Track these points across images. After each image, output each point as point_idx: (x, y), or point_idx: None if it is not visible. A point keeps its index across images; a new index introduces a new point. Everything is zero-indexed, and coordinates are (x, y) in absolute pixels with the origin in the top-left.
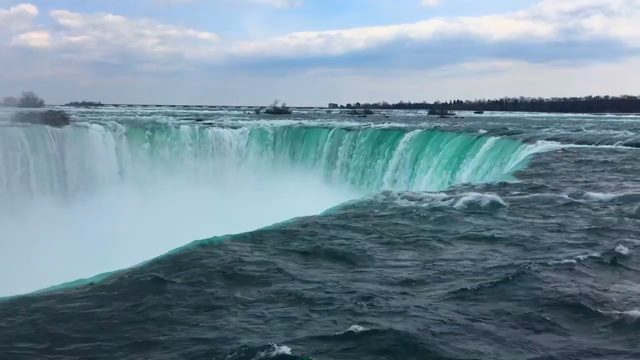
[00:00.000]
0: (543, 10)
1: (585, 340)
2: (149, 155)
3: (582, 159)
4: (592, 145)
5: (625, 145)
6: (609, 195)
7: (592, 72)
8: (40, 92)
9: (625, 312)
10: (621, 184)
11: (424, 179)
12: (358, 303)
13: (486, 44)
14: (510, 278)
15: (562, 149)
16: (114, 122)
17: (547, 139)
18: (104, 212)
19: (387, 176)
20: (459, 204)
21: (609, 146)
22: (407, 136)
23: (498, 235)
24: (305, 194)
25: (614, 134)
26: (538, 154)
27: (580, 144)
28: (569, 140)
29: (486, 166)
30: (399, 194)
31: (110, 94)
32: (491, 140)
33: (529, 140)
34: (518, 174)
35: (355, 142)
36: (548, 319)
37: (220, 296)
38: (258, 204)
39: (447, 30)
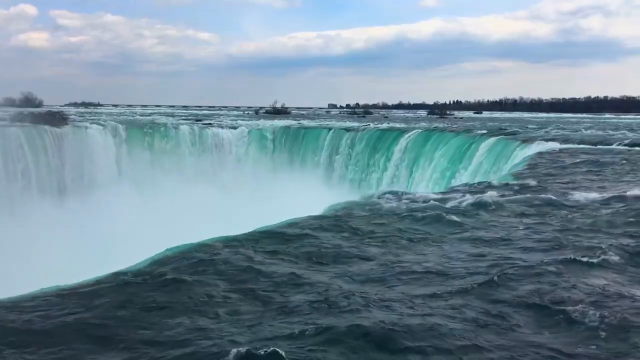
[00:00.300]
0: (542, 11)
1: (537, 338)
2: (148, 155)
3: (578, 160)
4: (589, 146)
5: (624, 146)
6: (593, 196)
7: (591, 73)
8: (40, 92)
9: (583, 312)
10: (611, 185)
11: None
12: (315, 302)
13: (485, 44)
14: (472, 277)
15: (559, 150)
16: (113, 122)
17: (545, 140)
18: (103, 212)
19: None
20: (441, 205)
21: (606, 147)
22: (402, 143)
23: (471, 236)
24: (305, 194)
25: (612, 135)
26: (532, 157)
27: (579, 144)
28: (566, 141)
29: (479, 180)
30: (379, 197)
31: (109, 94)
32: (483, 148)
33: (525, 141)
34: (510, 176)
35: (351, 151)
36: (504, 317)
37: (190, 299)
38: (257, 204)
39: (447, 31)
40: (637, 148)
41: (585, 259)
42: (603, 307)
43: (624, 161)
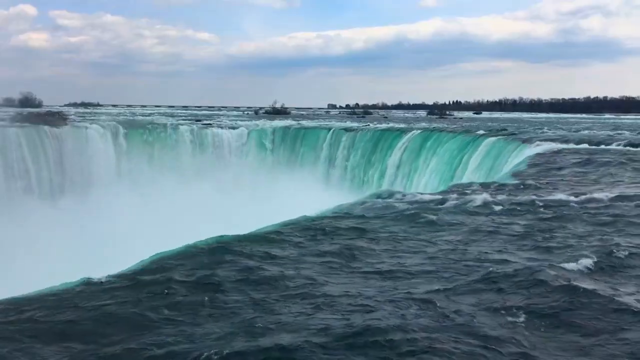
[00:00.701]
0: (542, 11)
1: (468, 329)
2: (148, 155)
3: (573, 161)
4: (584, 146)
5: (622, 146)
6: (574, 197)
7: (591, 73)
8: (39, 92)
9: (525, 309)
10: (600, 187)
11: None
12: (264, 301)
13: (485, 44)
14: (420, 275)
15: (556, 151)
16: (112, 122)
17: (541, 140)
18: (103, 212)
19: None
20: (424, 206)
21: (603, 147)
22: (396, 155)
23: (433, 236)
24: (305, 194)
25: (612, 135)
26: (524, 161)
27: (578, 144)
28: (563, 142)
29: None
30: (370, 199)
31: (109, 94)
32: (473, 163)
33: (525, 142)
34: (504, 178)
35: (347, 163)
36: (441, 311)
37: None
38: (257, 204)
39: (447, 31)
40: (633, 148)
41: (543, 259)
42: (544, 304)
43: (615, 162)
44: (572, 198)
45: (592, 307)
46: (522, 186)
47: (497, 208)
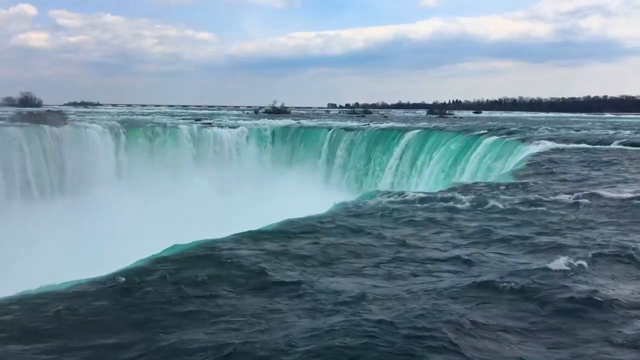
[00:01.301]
0: (541, 11)
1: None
2: (148, 155)
3: (570, 161)
4: (583, 145)
5: (624, 145)
6: (544, 197)
7: (591, 72)
8: (39, 92)
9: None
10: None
11: None
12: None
13: (485, 44)
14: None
15: (554, 150)
16: (112, 122)
17: (540, 139)
18: (103, 212)
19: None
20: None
21: (603, 147)
22: (388, 177)
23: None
24: (305, 194)
25: (607, 134)
26: (518, 164)
27: (578, 143)
28: (564, 141)
29: None
30: (365, 199)
31: (109, 94)
32: (472, 163)
33: (524, 141)
34: (501, 177)
35: (347, 162)
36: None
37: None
38: (257, 204)
39: (446, 31)
40: (632, 148)
41: (499, 256)
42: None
43: (613, 161)
44: (560, 198)
45: (522, 306)
46: (512, 186)
47: (464, 206)
